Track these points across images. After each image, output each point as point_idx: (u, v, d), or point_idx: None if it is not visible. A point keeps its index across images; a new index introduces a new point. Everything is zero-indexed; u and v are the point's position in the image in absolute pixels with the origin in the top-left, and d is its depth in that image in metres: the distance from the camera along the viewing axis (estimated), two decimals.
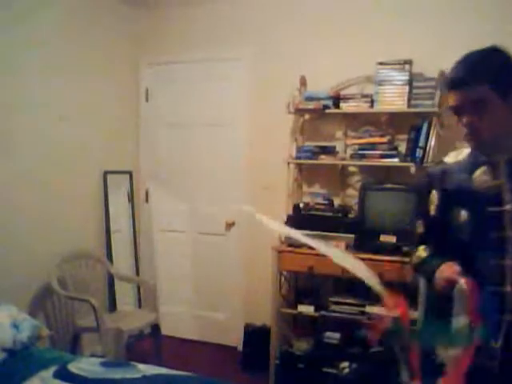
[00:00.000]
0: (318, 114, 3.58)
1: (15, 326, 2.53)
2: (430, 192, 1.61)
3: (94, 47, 3.87)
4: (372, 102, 3.39)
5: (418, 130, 3.28)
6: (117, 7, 4.07)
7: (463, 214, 1.50)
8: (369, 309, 3.23)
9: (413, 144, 3.29)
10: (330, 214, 3.48)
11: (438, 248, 1.62)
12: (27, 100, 3.35)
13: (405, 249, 3.09)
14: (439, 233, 1.59)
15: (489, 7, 3.27)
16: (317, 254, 3.28)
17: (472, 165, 1.52)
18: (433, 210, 1.59)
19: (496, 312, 1.41)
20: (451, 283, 1.44)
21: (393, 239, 3.17)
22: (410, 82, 3.28)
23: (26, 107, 3.34)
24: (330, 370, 3.26)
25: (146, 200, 4.42)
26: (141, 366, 2.29)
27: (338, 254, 1.55)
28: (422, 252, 1.65)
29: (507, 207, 1.42)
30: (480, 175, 1.49)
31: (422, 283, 1.72)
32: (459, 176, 1.53)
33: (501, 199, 1.44)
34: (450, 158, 1.62)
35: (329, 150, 3.58)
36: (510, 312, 1.40)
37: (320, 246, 1.50)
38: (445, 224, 1.54)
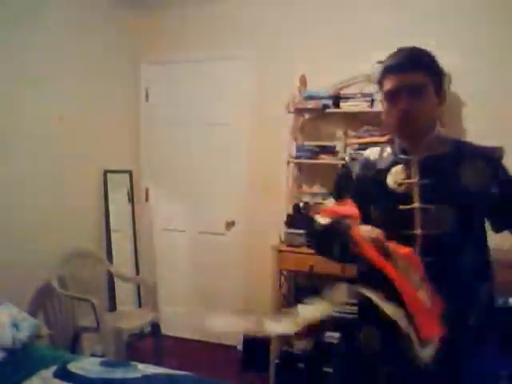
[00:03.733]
0: (318, 113, 3.58)
1: (15, 325, 2.53)
2: (347, 183, 1.65)
3: (94, 47, 3.86)
4: (372, 101, 3.38)
5: None
6: (117, 7, 4.06)
7: (374, 211, 1.53)
8: None
9: None
10: None
11: None
12: (27, 100, 3.35)
13: None
14: None
15: (488, 7, 3.28)
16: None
17: (391, 163, 1.56)
18: (349, 198, 1.59)
19: None
20: (379, 244, 1.41)
21: None
22: None
23: (26, 107, 3.34)
24: (330, 370, 3.26)
25: (146, 199, 4.42)
26: (141, 366, 2.29)
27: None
28: (322, 220, 1.60)
29: (416, 206, 1.47)
30: (395, 174, 1.53)
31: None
32: (376, 172, 1.57)
33: (411, 198, 1.48)
34: (372, 154, 1.64)
35: (329, 150, 3.57)
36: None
37: None
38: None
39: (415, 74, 1.48)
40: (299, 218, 3.46)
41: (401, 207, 1.49)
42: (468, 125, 3.36)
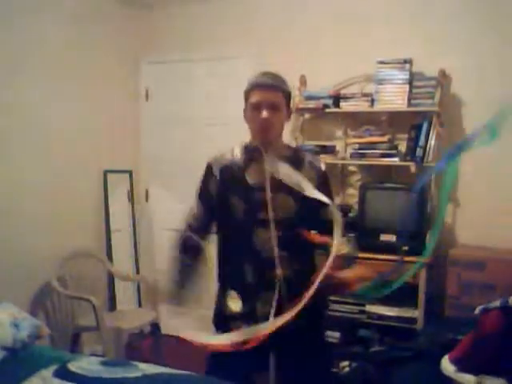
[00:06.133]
0: (318, 113, 3.58)
1: (15, 324, 2.53)
2: (209, 179, 2.02)
3: (94, 46, 3.87)
4: (372, 101, 3.39)
5: (418, 129, 3.28)
6: (117, 6, 4.06)
7: (237, 200, 1.92)
8: (369, 308, 3.24)
9: (413, 143, 3.29)
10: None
11: (220, 225, 2.05)
12: (27, 99, 3.35)
13: (405, 248, 3.10)
14: (217, 212, 2.02)
15: (488, 7, 3.28)
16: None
17: (246, 161, 1.97)
18: (213, 194, 1.99)
19: (270, 270, 1.88)
20: None
21: (393, 239, 3.17)
22: (410, 81, 3.27)
23: (26, 107, 3.34)
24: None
25: (146, 199, 4.42)
26: (141, 365, 2.28)
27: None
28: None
29: (268, 195, 1.89)
30: (252, 170, 1.94)
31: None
32: (236, 171, 1.96)
33: (264, 189, 1.90)
34: (228, 153, 2.05)
35: (329, 150, 3.57)
36: (279, 267, 1.88)
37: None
38: (224, 206, 1.95)
39: (274, 94, 1.92)
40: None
41: (258, 197, 1.90)
42: (468, 125, 3.36)
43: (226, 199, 1.94)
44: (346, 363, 3.20)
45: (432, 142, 3.22)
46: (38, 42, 3.40)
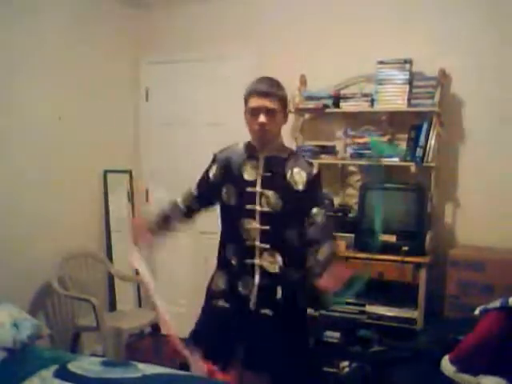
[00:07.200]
0: (318, 113, 3.58)
1: (15, 325, 2.53)
2: (212, 166, 2.29)
3: (94, 46, 3.87)
4: (372, 101, 3.38)
5: (418, 129, 3.28)
6: (117, 6, 4.06)
7: (232, 188, 2.18)
8: (369, 308, 3.24)
9: (413, 143, 3.29)
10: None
11: (220, 209, 2.28)
12: (27, 99, 3.35)
13: (405, 248, 3.10)
14: (211, 193, 2.27)
15: (488, 7, 3.27)
16: None
17: (245, 157, 2.20)
18: (213, 177, 2.26)
19: (251, 258, 2.14)
20: None
21: (393, 239, 3.17)
22: (410, 81, 3.27)
23: (26, 107, 3.34)
24: (330, 369, 3.26)
25: (146, 199, 4.42)
26: (141, 366, 2.29)
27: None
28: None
29: (258, 189, 2.13)
30: (248, 166, 2.18)
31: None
32: (236, 163, 2.20)
33: (255, 184, 2.14)
34: (231, 149, 2.28)
35: (329, 150, 3.57)
36: (258, 257, 2.13)
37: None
38: (218, 190, 2.21)
39: (270, 100, 2.09)
40: None
41: (248, 190, 2.14)
42: (468, 125, 3.36)
43: (221, 186, 2.20)
44: (345, 363, 3.21)
45: (432, 141, 3.22)
46: (37, 42, 3.39)
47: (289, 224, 2.15)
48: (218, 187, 2.22)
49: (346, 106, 3.47)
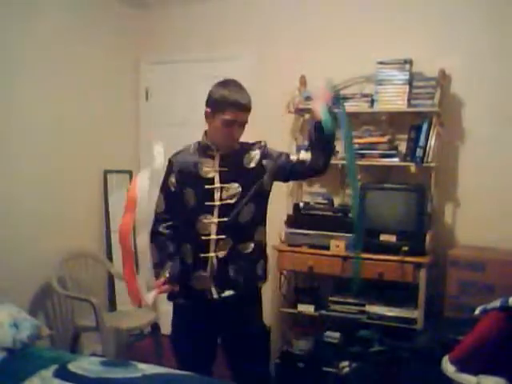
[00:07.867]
0: None
1: (15, 325, 2.53)
2: (170, 174, 2.31)
3: (94, 46, 3.86)
4: (372, 101, 3.39)
5: (418, 129, 3.28)
6: (117, 6, 4.07)
7: (190, 191, 2.22)
8: (369, 308, 3.24)
9: (413, 143, 3.29)
10: (330, 213, 3.48)
11: (173, 213, 2.30)
12: (27, 99, 3.35)
13: (405, 248, 3.10)
14: (176, 202, 2.28)
15: (488, 7, 3.28)
16: (317, 254, 3.30)
17: (200, 156, 2.25)
18: (172, 187, 2.29)
19: (206, 252, 2.18)
20: None
21: (393, 239, 3.17)
22: (410, 82, 3.27)
23: (26, 107, 3.34)
24: (330, 370, 3.26)
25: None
26: (141, 366, 2.28)
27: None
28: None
29: (216, 186, 2.19)
30: (204, 165, 2.22)
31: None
32: (190, 164, 2.25)
33: (213, 181, 2.19)
34: (185, 150, 2.34)
35: None
36: (214, 251, 2.18)
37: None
38: (180, 196, 2.25)
39: (246, 114, 2.17)
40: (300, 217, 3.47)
41: (207, 187, 2.18)
42: (468, 125, 3.36)
43: (182, 190, 2.25)
44: (345, 363, 3.21)
45: (432, 142, 3.22)
46: (37, 42, 3.39)
47: (248, 201, 2.19)
48: (181, 194, 2.25)
49: (345, 107, 3.46)
